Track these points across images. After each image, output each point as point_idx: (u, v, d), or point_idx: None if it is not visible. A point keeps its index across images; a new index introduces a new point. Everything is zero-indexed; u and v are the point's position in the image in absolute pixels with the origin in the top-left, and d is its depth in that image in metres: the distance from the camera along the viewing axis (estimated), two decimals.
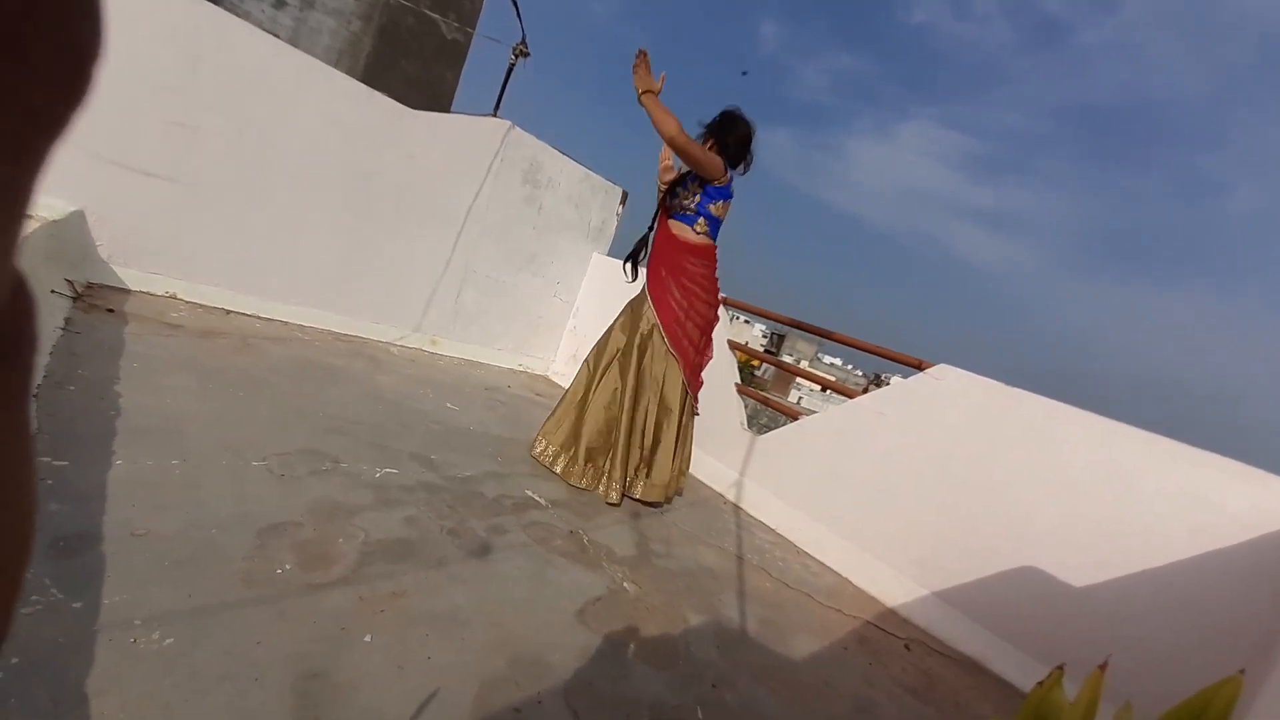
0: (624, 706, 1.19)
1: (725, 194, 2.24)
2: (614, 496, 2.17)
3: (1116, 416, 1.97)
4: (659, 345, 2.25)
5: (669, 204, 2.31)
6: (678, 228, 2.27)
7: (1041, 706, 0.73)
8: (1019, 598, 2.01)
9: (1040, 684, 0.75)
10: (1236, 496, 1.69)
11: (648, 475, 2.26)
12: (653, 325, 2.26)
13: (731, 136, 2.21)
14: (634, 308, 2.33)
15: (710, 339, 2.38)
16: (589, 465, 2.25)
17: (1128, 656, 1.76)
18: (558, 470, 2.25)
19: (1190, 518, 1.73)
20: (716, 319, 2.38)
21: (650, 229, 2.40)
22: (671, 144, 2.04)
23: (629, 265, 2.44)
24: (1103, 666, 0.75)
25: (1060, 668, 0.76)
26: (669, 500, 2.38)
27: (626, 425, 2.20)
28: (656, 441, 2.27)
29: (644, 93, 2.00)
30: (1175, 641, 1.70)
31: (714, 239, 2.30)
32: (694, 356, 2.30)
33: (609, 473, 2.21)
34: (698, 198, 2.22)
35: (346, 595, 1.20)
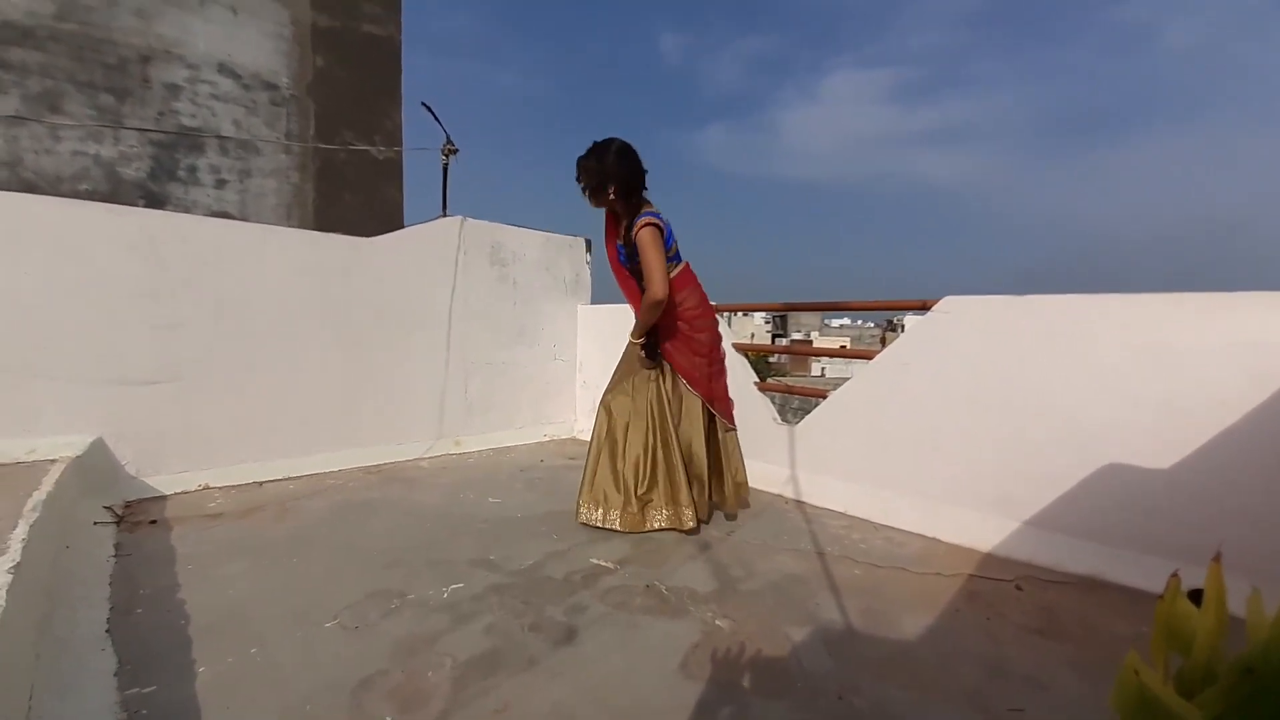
0: None
1: (670, 237, 2.22)
2: (690, 522, 2.20)
3: (1134, 288, 1.93)
4: (670, 376, 2.31)
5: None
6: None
7: (1171, 622, 0.69)
8: (1107, 499, 1.93)
9: (1161, 598, 0.72)
10: None
11: (710, 491, 2.35)
12: (667, 368, 2.32)
13: (621, 180, 2.15)
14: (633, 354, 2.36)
15: (719, 357, 2.41)
16: (646, 509, 2.24)
17: (1232, 526, 1.68)
18: (618, 527, 2.23)
19: (1246, 365, 1.67)
20: (718, 335, 2.42)
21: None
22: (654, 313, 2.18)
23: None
24: (1217, 559, 0.71)
25: (1175, 575, 0.73)
26: (736, 512, 2.45)
27: (668, 455, 2.24)
28: (702, 460, 2.30)
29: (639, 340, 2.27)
30: (1276, 496, 1.62)
31: (680, 260, 2.31)
32: (707, 383, 2.31)
33: (674, 502, 2.22)
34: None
35: None
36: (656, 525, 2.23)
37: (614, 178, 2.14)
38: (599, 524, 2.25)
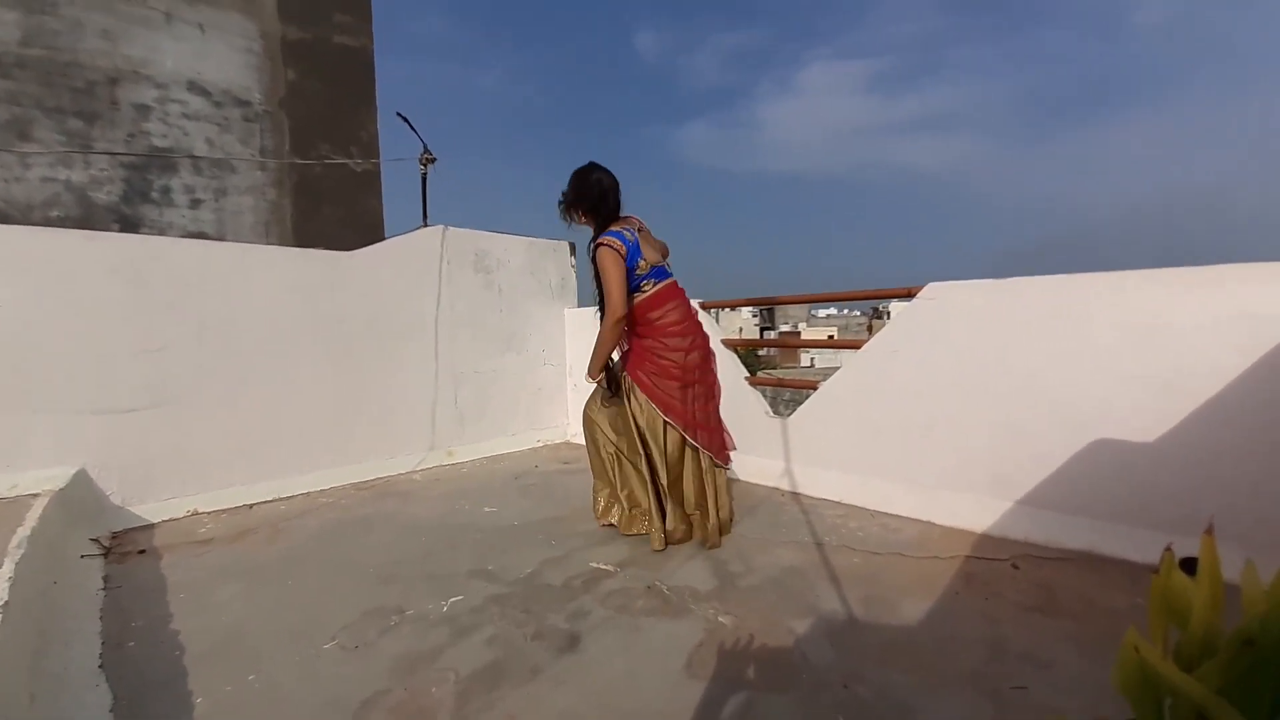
0: None
1: (633, 255, 2.10)
2: (656, 544, 2.11)
3: (1120, 265, 1.95)
4: (641, 399, 2.16)
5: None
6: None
7: (1167, 596, 0.70)
8: (1099, 475, 1.96)
9: (1156, 573, 0.72)
10: (1269, 299, 1.66)
11: (682, 518, 2.18)
12: (630, 385, 2.19)
13: (585, 202, 2.16)
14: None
15: (699, 380, 2.18)
16: (634, 513, 2.25)
17: (1222, 496, 1.71)
18: (616, 522, 2.28)
19: (1232, 338, 1.70)
20: (699, 355, 2.19)
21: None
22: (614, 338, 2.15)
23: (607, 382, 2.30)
24: (1209, 531, 0.72)
25: (1169, 549, 0.73)
26: (714, 542, 2.15)
27: (639, 475, 2.20)
28: (674, 486, 2.17)
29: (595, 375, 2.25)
30: (1266, 466, 1.65)
31: (665, 278, 2.20)
32: (683, 408, 2.13)
33: (650, 522, 2.17)
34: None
35: None
36: (638, 531, 2.22)
37: (579, 202, 2.18)
38: (604, 518, 2.31)
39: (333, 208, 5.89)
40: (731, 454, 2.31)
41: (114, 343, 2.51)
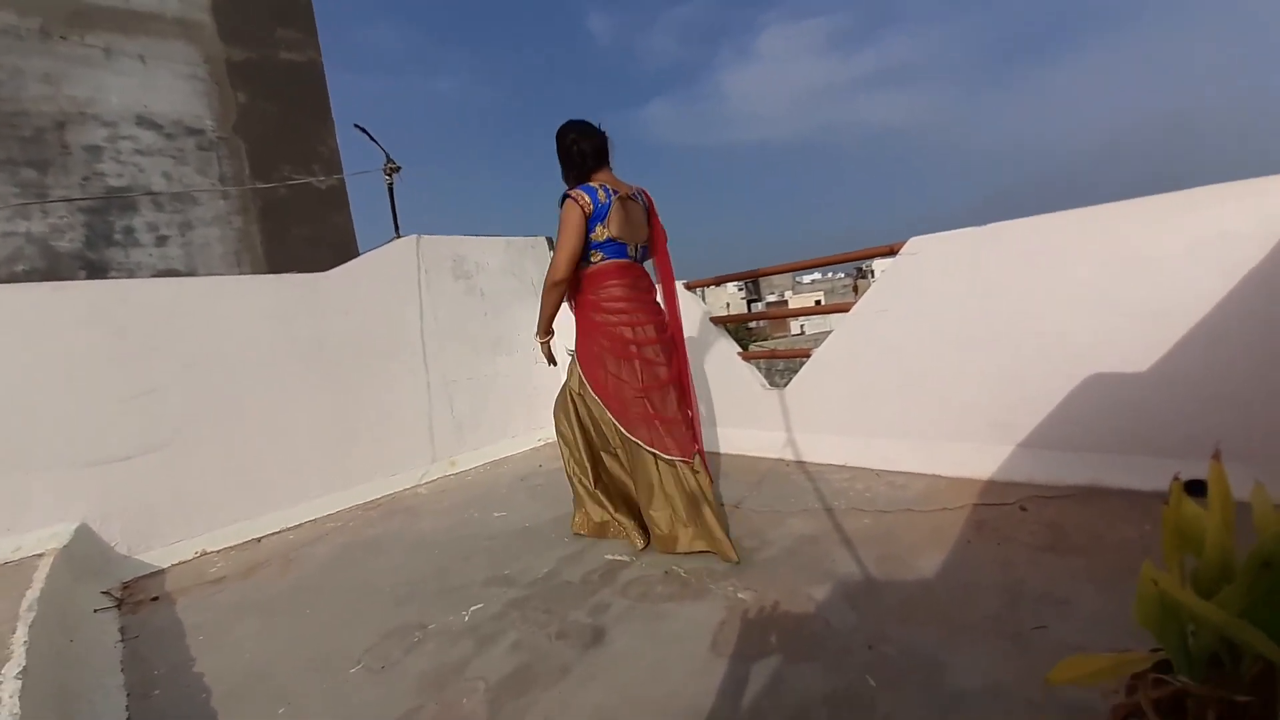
0: (797, 712, 1.16)
1: (598, 217, 1.93)
2: (638, 541, 2.03)
3: (1102, 199, 1.95)
4: (592, 397, 2.08)
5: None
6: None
7: (1180, 524, 0.70)
8: (1095, 409, 1.98)
9: (1166, 503, 0.72)
10: (1243, 216, 1.67)
11: (655, 525, 1.98)
12: (582, 381, 2.11)
13: (568, 169, 2.05)
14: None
15: (642, 361, 1.99)
16: (609, 523, 2.16)
17: (1222, 418, 1.73)
18: (585, 533, 2.21)
19: (1214, 261, 1.71)
20: (641, 337, 2.00)
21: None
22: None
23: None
24: (1216, 456, 0.72)
25: (1176, 478, 0.74)
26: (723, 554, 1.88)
27: (600, 472, 2.17)
28: (636, 488, 2.04)
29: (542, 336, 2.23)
30: (1258, 382, 1.67)
31: (620, 256, 2.00)
32: (608, 392, 2.00)
33: (622, 523, 2.11)
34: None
35: None
36: (613, 535, 2.16)
37: (564, 171, 2.07)
38: (585, 533, 2.22)
39: (301, 228, 5.79)
40: (730, 431, 2.25)
41: (99, 392, 2.46)
